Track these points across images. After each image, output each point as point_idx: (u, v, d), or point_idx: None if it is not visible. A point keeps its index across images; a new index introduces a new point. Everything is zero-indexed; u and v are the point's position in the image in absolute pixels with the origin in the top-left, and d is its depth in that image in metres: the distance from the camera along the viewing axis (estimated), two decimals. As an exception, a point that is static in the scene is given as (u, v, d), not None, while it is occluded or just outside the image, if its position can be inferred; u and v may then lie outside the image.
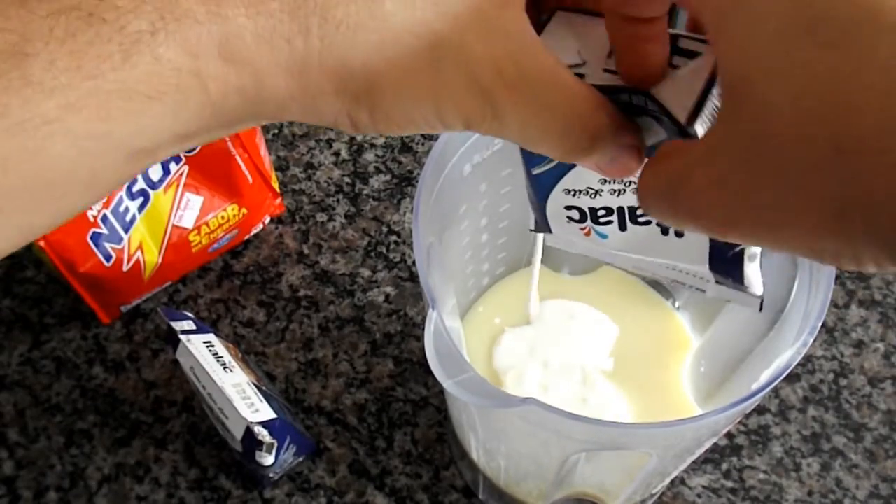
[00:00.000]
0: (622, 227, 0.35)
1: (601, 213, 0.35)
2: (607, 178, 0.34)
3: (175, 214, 0.61)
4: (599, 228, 0.36)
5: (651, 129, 0.29)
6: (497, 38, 0.27)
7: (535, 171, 0.36)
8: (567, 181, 0.35)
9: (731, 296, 0.35)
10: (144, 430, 0.59)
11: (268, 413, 0.52)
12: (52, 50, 0.24)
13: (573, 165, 0.34)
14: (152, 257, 0.61)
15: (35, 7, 0.24)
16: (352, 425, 0.59)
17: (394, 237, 0.66)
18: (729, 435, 0.59)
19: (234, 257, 0.66)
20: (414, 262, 0.64)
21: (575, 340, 0.57)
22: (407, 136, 0.71)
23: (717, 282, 0.35)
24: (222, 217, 0.63)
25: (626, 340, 0.57)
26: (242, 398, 0.51)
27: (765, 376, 0.42)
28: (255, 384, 0.53)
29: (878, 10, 0.21)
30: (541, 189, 0.36)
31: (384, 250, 0.66)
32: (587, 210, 0.36)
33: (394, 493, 0.57)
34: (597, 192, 0.35)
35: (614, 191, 0.35)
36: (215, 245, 0.64)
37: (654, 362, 0.56)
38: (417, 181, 0.44)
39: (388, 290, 0.64)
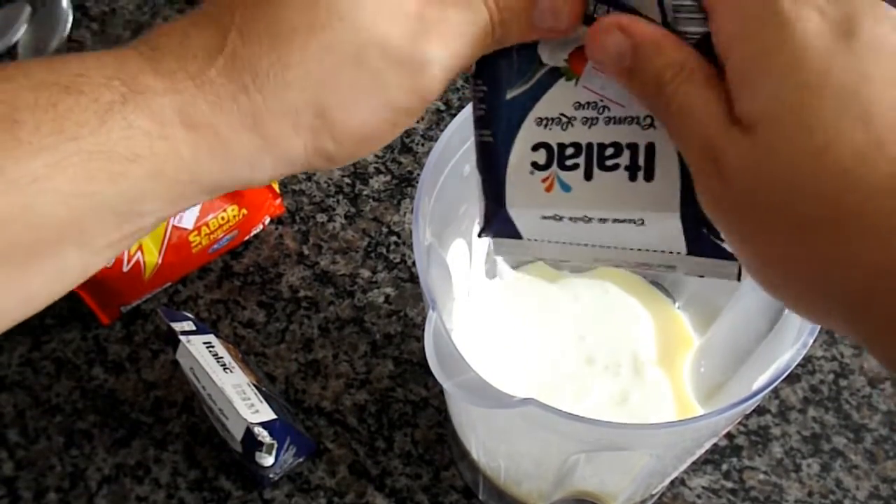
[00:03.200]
0: (587, 175, 0.34)
1: (569, 150, 0.34)
2: (581, 103, 0.33)
3: (175, 215, 0.61)
4: (564, 175, 0.34)
5: (557, 44, 0.32)
6: (395, 16, 0.30)
7: (510, 95, 0.35)
8: (541, 107, 0.34)
9: (705, 268, 0.34)
10: (144, 431, 0.59)
11: (268, 414, 0.52)
12: (37, 117, 0.27)
13: (549, 86, 0.34)
14: (152, 258, 0.61)
15: (22, 82, 0.28)
16: (352, 426, 0.59)
17: (394, 238, 0.66)
18: (729, 435, 0.59)
19: (234, 258, 0.66)
20: (414, 263, 0.64)
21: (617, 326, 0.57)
22: (407, 137, 0.71)
23: (688, 252, 0.33)
24: (222, 218, 0.63)
25: (628, 338, 0.57)
26: (242, 399, 0.51)
27: (765, 377, 0.42)
28: (255, 385, 0.53)
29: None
30: (509, 127, 0.35)
31: (384, 251, 0.66)
32: (555, 147, 0.34)
33: (394, 493, 0.57)
34: (569, 120, 0.34)
35: (587, 119, 0.33)
36: (215, 246, 0.64)
37: (656, 360, 0.56)
38: (417, 181, 0.44)
39: (388, 290, 0.64)
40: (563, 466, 0.45)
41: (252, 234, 0.66)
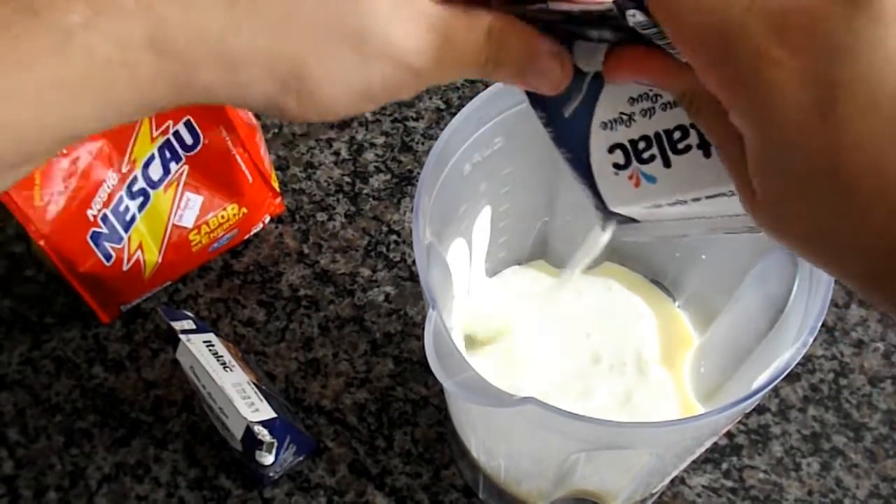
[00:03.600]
0: (666, 163, 0.35)
1: (641, 144, 0.35)
2: (634, 97, 0.34)
3: (175, 214, 0.61)
4: (645, 169, 0.35)
5: (590, 50, 0.32)
6: (405, 19, 0.29)
7: (568, 112, 0.35)
8: (600, 113, 0.35)
9: None
10: (144, 430, 0.59)
11: (268, 412, 0.52)
12: None
13: (599, 90, 0.35)
14: (152, 257, 0.61)
15: None
16: (352, 425, 0.59)
17: (394, 237, 0.66)
18: (729, 434, 0.59)
19: (234, 257, 0.66)
20: (414, 262, 0.64)
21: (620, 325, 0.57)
22: (407, 136, 0.71)
23: None
24: (222, 216, 0.63)
25: (629, 337, 0.57)
26: (242, 397, 0.51)
27: (765, 376, 0.42)
28: (255, 384, 0.53)
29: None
30: (579, 140, 0.36)
31: (384, 250, 0.66)
32: (628, 145, 0.35)
33: (394, 492, 0.57)
34: (630, 116, 0.35)
35: (645, 111, 0.34)
36: (215, 244, 0.64)
37: (657, 358, 0.56)
38: (417, 181, 0.44)
39: (388, 289, 0.64)
40: (563, 465, 0.45)
41: (252, 233, 0.66)
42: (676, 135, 0.34)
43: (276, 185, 0.65)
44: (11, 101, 0.25)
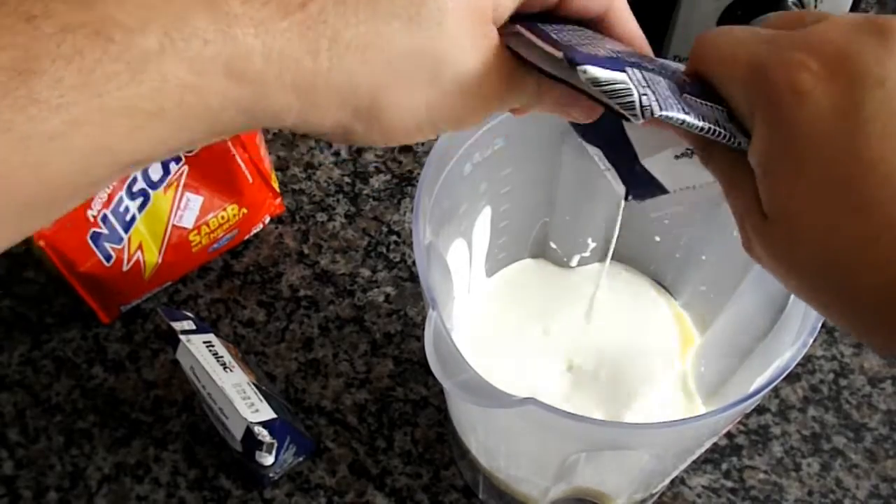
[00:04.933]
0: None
1: None
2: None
3: (175, 214, 0.61)
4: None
5: None
6: (481, 49, 0.30)
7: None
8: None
9: None
10: (144, 430, 0.59)
11: (268, 413, 0.52)
12: (58, 67, 0.24)
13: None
14: (152, 257, 0.61)
15: (42, 24, 0.24)
16: (352, 425, 0.59)
17: (394, 237, 0.66)
18: (729, 435, 0.59)
19: (234, 257, 0.66)
20: (414, 262, 0.64)
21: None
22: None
23: None
24: (222, 217, 0.63)
25: (629, 336, 0.57)
26: (242, 398, 0.51)
27: (765, 376, 0.42)
28: (255, 384, 0.53)
29: None
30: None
31: (384, 250, 0.66)
32: None
33: (394, 493, 0.57)
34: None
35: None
36: (215, 245, 0.64)
37: (658, 358, 0.56)
38: (417, 181, 0.44)
39: (388, 290, 0.64)
40: (562, 466, 0.45)
41: (252, 234, 0.66)
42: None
43: (276, 185, 0.65)
44: (82, 127, 0.25)
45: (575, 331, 0.57)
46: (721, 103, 0.31)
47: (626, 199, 0.41)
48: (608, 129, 0.38)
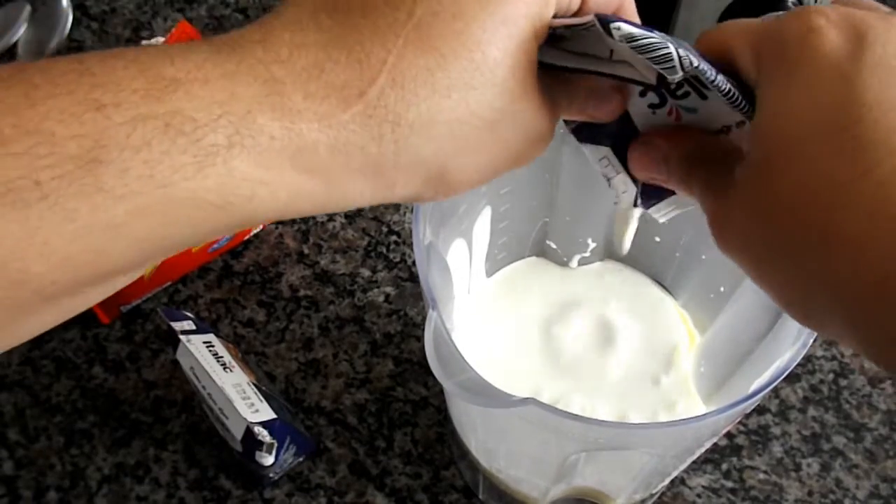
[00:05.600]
0: (702, 96, 0.34)
1: (673, 86, 0.35)
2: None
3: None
4: (682, 103, 0.35)
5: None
6: (534, 89, 0.30)
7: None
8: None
9: None
10: (144, 430, 0.59)
11: (268, 413, 0.52)
12: (126, 158, 0.24)
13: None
14: (152, 257, 0.61)
15: (112, 113, 0.24)
16: (352, 425, 0.59)
17: (394, 237, 0.66)
18: (729, 435, 0.59)
19: (235, 257, 0.66)
20: (414, 262, 0.64)
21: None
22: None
23: None
24: (222, 217, 0.63)
25: (630, 336, 0.57)
26: (242, 398, 0.51)
27: (765, 376, 0.42)
28: (255, 384, 0.53)
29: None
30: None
31: (384, 250, 0.66)
32: (666, 86, 0.35)
33: (394, 493, 0.57)
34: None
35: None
36: (215, 245, 0.64)
37: (658, 358, 0.56)
38: (417, 181, 0.44)
39: (388, 290, 0.64)
40: (563, 466, 0.45)
41: (252, 234, 0.66)
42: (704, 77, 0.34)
43: (276, 185, 0.65)
44: (145, 217, 0.25)
45: (575, 330, 0.57)
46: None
47: (635, 204, 0.40)
48: (617, 127, 0.38)
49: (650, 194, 0.39)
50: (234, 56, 0.26)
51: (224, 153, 0.25)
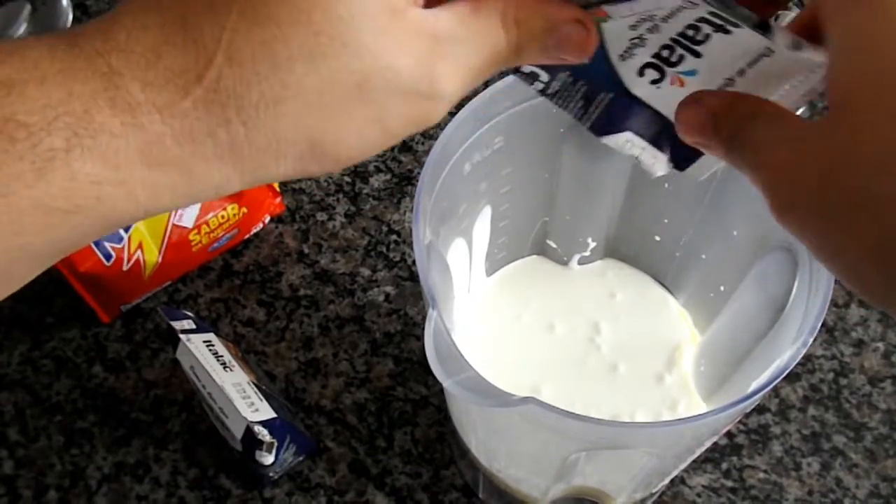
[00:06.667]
0: (696, 55, 0.34)
1: (665, 52, 0.35)
2: (633, 24, 0.34)
3: (175, 214, 0.61)
4: (681, 68, 0.35)
5: None
6: (405, 41, 0.27)
7: (581, 67, 0.35)
8: (613, 49, 0.34)
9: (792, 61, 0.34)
10: (144, 430, 0.59)
11: (268, 412, 0.52)
12: None
13: (600, 35, 0.34)
14: (152, 256, 0.61)
15: None
16: (352, 425, 0.59)
17: (394, 236, 0.66)
18: (729, 434, 0.59)
19: (235, 257, 0.66)
20: (414, 262, 0.64)
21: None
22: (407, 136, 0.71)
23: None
24: (222, 216, 0.63)
25: (630, 335, 0.57)
26: (242, 397, 0.51)
27: (765, 376, 0.42)
28: (254, 383, 0.53)
29: None
30: (612, 83, 0.36)
31: (384, 250, 0.66)
32: (653, 59, 0.35)
33: (394, 492, 0.57)
34: (640, 38, 0.34)
35: (651, 28, 0.34)
36: (215, 244, 0.64)
37: (658, 357, 0.56)
38: (417, 181, 0.44)
39: (388, 289, 0.64)
40: (563, 465, 0.45)
41: (252, 233, 0.66)
42: (690, 32, 0.34)
43: (276, 184, 0.65)
44: None
45: (575, 330, 0.57)
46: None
47: (675, 167, 0.40)
48: (630, 113, 0.38)
49: (680, 157, 0.39)
50: (73, 49, 0.25)
51: (63, 156, 0.24)
